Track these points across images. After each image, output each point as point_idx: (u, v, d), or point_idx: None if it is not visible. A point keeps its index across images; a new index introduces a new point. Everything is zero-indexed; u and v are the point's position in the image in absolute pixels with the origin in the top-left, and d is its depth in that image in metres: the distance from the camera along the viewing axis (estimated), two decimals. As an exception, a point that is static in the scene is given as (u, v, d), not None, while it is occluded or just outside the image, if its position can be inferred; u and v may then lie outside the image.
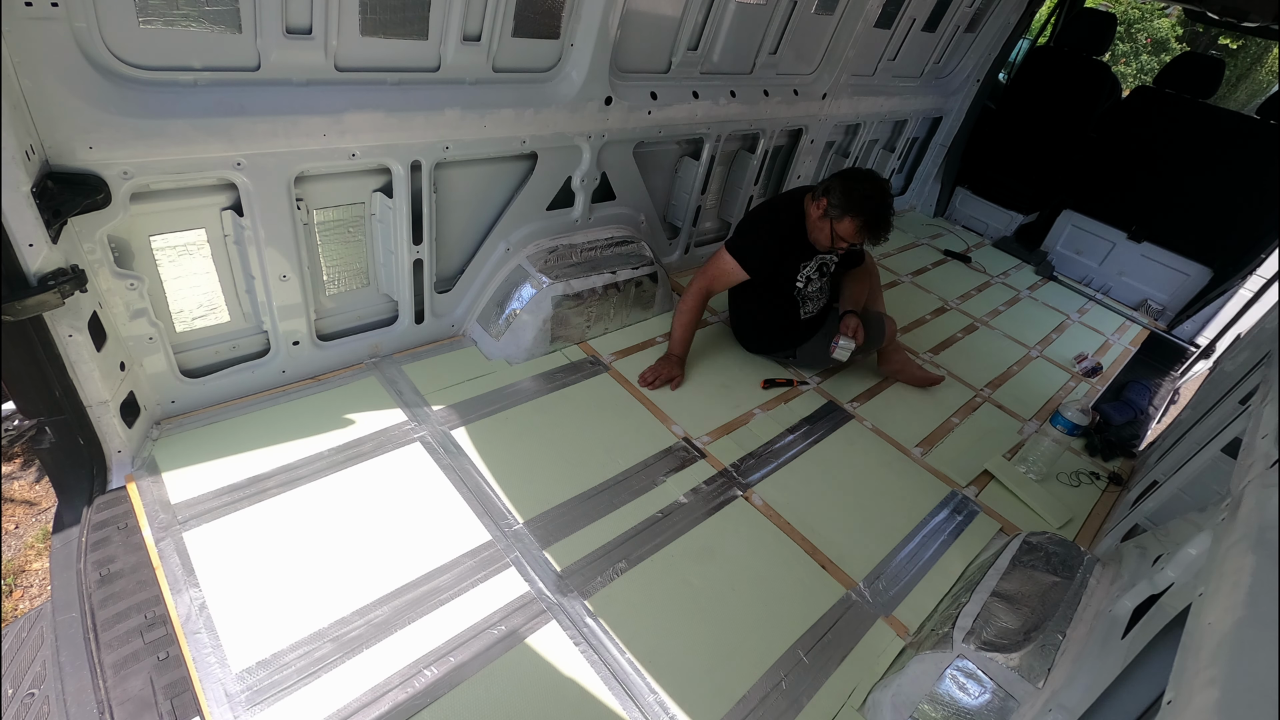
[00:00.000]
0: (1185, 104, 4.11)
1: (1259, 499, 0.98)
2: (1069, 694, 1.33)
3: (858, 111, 3.84)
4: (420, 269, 2.31)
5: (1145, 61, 14.07)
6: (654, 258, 2.95)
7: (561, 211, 2.69)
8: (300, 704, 1.40)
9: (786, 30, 3.00)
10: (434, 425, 2.16)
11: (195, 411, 2.01)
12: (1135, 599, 1.41)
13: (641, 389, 2.53)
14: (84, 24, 1.39)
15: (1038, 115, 4.60)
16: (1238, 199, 3.97)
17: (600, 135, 2.55)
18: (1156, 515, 1.98)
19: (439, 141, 2.08)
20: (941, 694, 1.55)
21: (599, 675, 1.57)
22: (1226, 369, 2.73)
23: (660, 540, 1.94)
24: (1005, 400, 3.06)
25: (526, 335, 2.53)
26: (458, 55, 2.01)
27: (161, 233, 1.75)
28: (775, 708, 1.60)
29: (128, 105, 1.50)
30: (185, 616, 1.51)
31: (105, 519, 1.70)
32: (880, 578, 2.00)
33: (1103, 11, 4.51)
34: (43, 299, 1.39)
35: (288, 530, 1.74)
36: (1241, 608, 0.80)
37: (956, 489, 2.42)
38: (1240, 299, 4.04)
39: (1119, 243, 4.45)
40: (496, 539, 1.84)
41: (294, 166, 1.83)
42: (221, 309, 1.97)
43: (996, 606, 1.65)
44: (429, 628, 1.59)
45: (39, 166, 1.39)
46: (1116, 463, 2.76)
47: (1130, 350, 3.90)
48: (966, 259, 4.53)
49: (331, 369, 2.28)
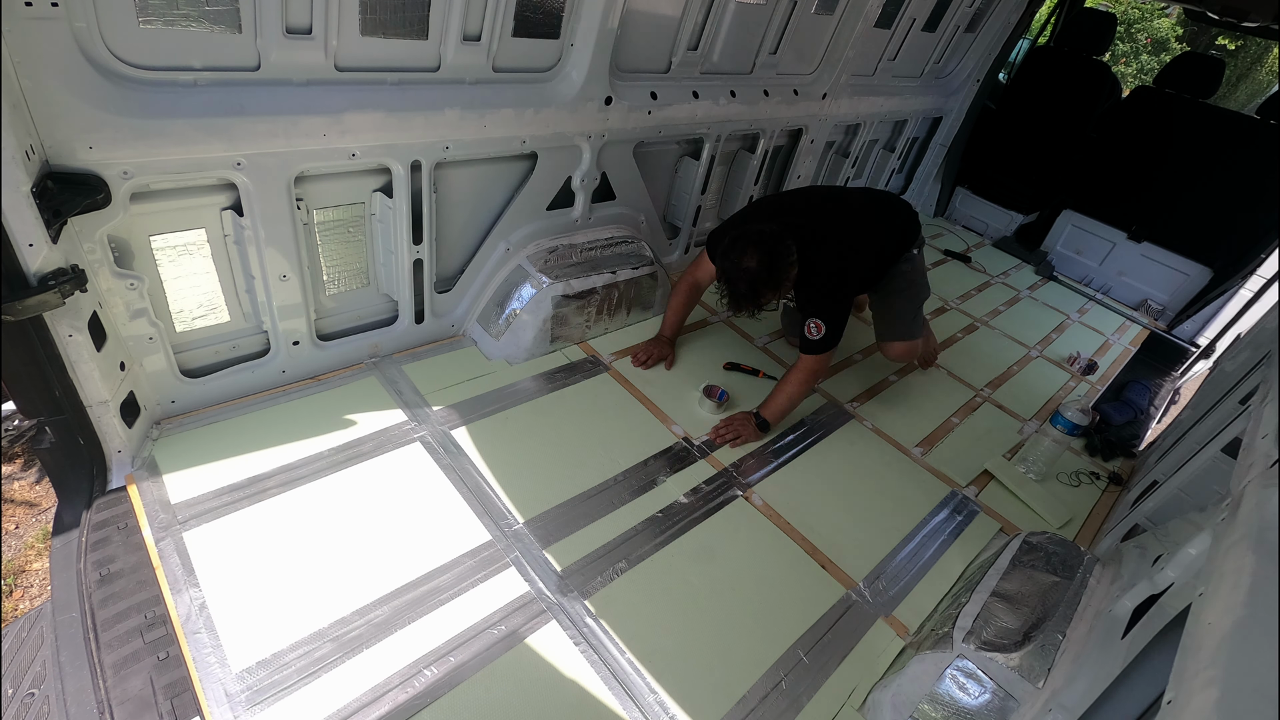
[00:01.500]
0: (1185, 104, 4.11)
1: (1259, 499, 0.98)
2: (1069, 694, 1.33)
3: (858, 111, 3.84)
4: (420, 269, 2.31)
5: (1145, 61, 14.07)
6: (654, 258, 2.94)
7: (561, 211, 2.69)
8: (300, 704, 1.40)
9: (786, 30, 3.00)
10: (434, 425, 2.16)
11: (195, 411, 2.01)
12: (1135, 599, 1.41)
13: (636, 370, 2.54)
14: (84, 24, 1.39)
15: (1038, 115, 4.60)
16: (1238, 199, 3.97)
17: (600, 135, 2.55)
18: (1156, 515, 1.98)
19: (439, 141, 2.08)
20: (941, 694, 1.55)
21: (599, 675, 1.57)
22: (1226, 369, 2.73)
23: (660, 540, 1.94)
24: (1005, 400, 3.06)
25: (526, 335, 2.53)
26: (458, 55, 2.01)
27: (161, 233, 1.75)
28: (775, 708, 1.60)
29: (128, 105, 1.50)
30: (185, 616, 1.51)
31: (105, 519, 1.70)
32: (880, 578, 2.00)
33: (1103, 11, 4.51)
34: (43, 299, 1.39)
35: (288, 530, 1.74)
36: (1241, 608, 0.80)
37: (956, 489, 2.42)
38: (1240, 299, 4.04)
39: (1119, 243, 4.45)
40: (496, 539, 1.84)
41: (294, 166, 1.83)
42: (221, 309, 1.97)
43: (996, 606, 1.65)
44: (429, 628, 1.59)
45: (39, 166, 1.39)
46: (1116, 463, 2.76)
47: (1130, 350, 3.90)
48: (966, 259, 4.53)
49: (331, 369, 2.28)
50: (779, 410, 2.39)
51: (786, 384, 2.38)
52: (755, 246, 2.12)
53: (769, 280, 2.13)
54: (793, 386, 2.37)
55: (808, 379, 2.37)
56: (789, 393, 2.37)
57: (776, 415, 2.40)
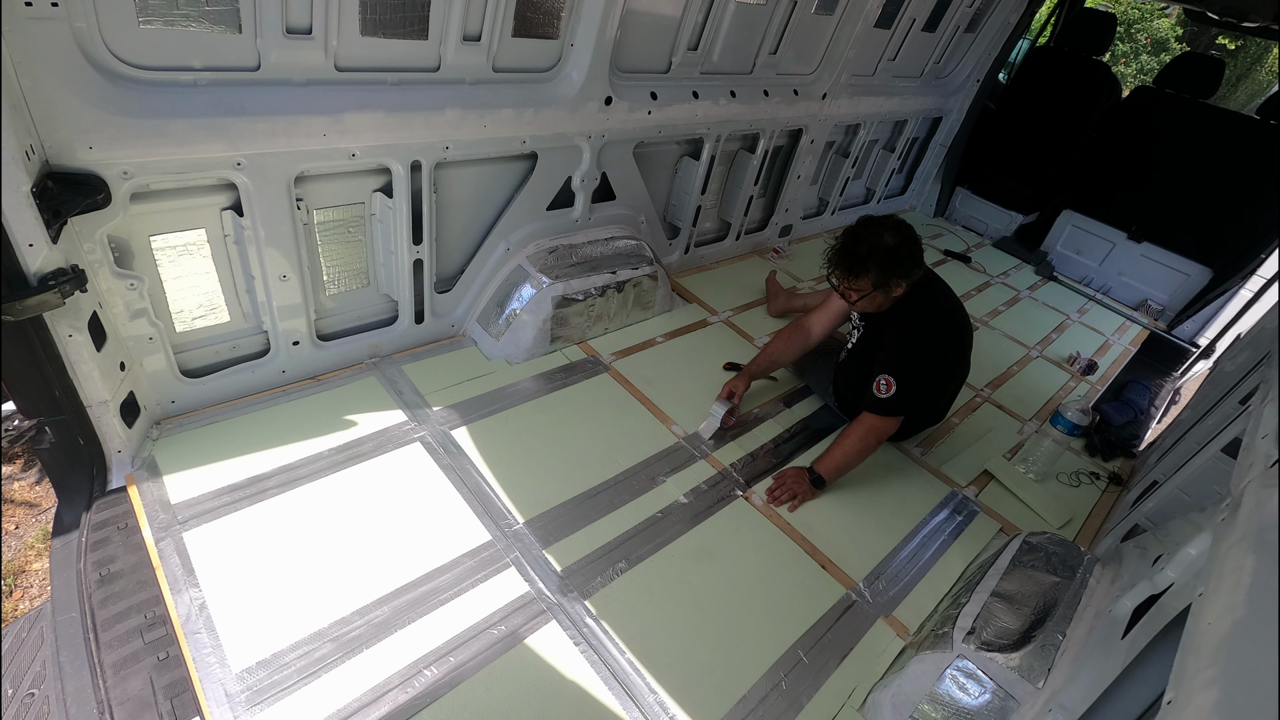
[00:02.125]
0: (1185, 104, 4.11)
1: (1259, 499, 0.98)
2: (1069, 694, 1.33)
3: (858, 111, 3.84)
4: (420, 269, 2.31)
5: (1145, 61, 14.07)
6: (654, 258, 2.94)
7: (561, 211, 2.69)
8: (300, 704, 1.40)
9: (786, 30, 3.00)
10: (434, 425, 2.16)
11: (195, 411, 2.01)
12: (1135, 599, 1.41)
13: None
14: (84, 24, 1.39)
15: (1038, 115, 4.60)
16: (1238, 199, 3.97)
17: (600, 135, 2.55)
18: (1156, 515, 1.98)
19: (439, 141, 2.08)
20: (941, 694, 1.55)
21: (599, 675, 1.57)
22: (1226, 369, 2.73)
23: (660, 540, 1.94)
24: (1005, 400, 3.06)
25: (526, 335, 2.53)
26: (458, 55, 2.01)
27: (161, 233, 1.75)
28: (775, 708, 1.60)
29: (128, 105, 1.50)
30: (185, 616, 1.51)
31: (105, 519, 1.70)
32: (880, 578, 2.00)
33: (1103, 11, 4.51)
34: (43, 299, 1.39)
35: (288, 530, 1.74)
36: (1241, 608, 0.80)
37: (956, 489, 2.42)
38: (1240, 299, 4.04)
39: (1119, 243, 4.45)
40: (496, 539, 1.84)
41: (294, 166, 1.83)
42: (221, 309, 1.97)
43: (996, 606, 1.65)
44: (429, 628, 1.59)
45: (39, 166, 1.39)
46: (1116, 463, 2.76)
47: (1130, 350, 3.90)
48: (966, 259, 4.53)
49: (331, 369, 2.28)
50: (835, 468, 2.19)
51: (846, 439, 2.20)
52: (898, 233, 2.04)
53: (885, 260, 2.01)
54: (851, 443, 2.18)
55: (869, 439, 2.17)
56: (846, 449, 2.18)
57: (832, 473, 2.19)
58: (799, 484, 2.19)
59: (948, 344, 2.24)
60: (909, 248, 2.07)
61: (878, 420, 2.15)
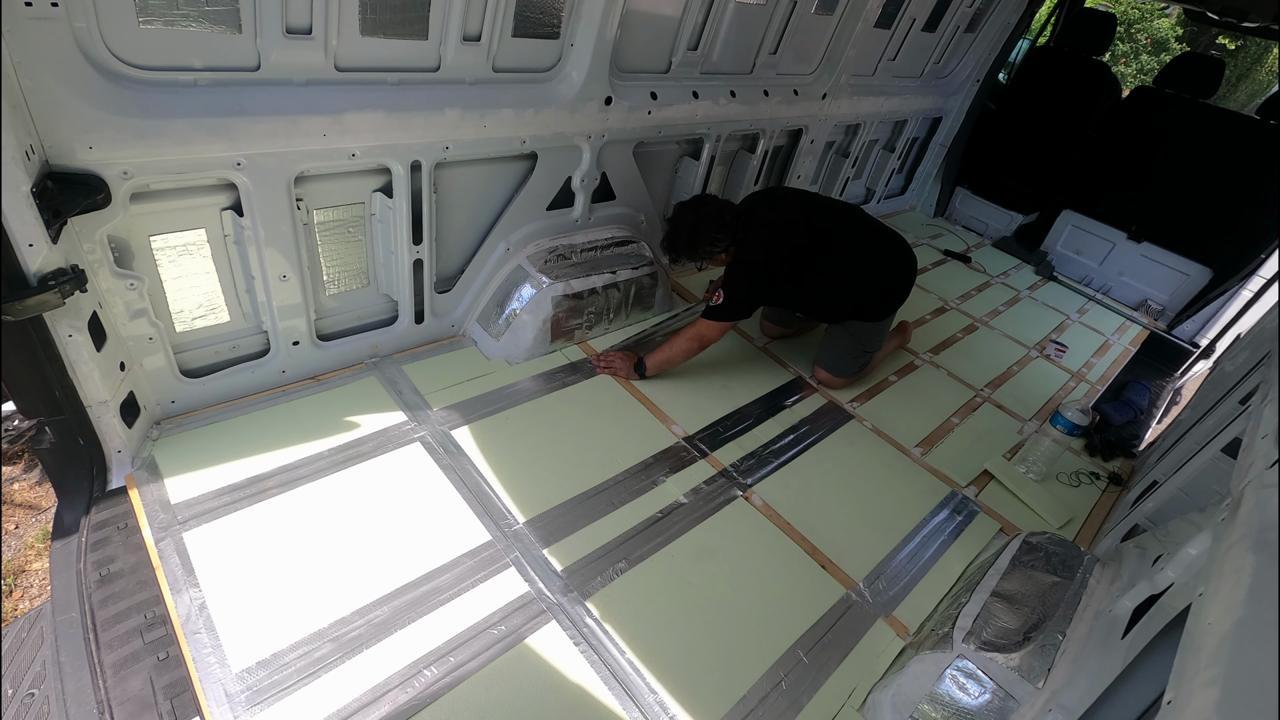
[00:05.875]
0: (1185, 104, 4.11)
1: (1259, 499, 0.98)
2: (1069, 694, 1.33)
3: (858, 111, 3.84)
4: (420, 269, 2.31)
5: (1145, 61, 14.06)
6: (654, 258, 2.94)
7: (561, 211, 2.69)
8: (300, 704, 1.40)
9: (786, 30, 3.00)
10: (434, 425, 2.16)
11: (195, 411, 2.01)
12: (1135, 599, 1.41)
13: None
14: (84, 24, 1.39)
15: (1038, 115, 4.60)
16: (1238, 199, 3.97)
17: (600, 135, 2.55)
18: (1156, 515, 1.98)
19: (439, 141, 2.08)
20: (941, 694, 1.55)
21: (599, 675, 1.57)
22: (1226, 369, 2.73)
23: (660, 540, 1.94)
24: (1005, 400, 3.06)
25: (526, 335, 2.53)
26: (458, 55, 2.01)
27: (161, 233, 1.75)
28: (775, 708, 1.60)
29: (128, 105, 1.50)
30: (185, 616, 1.51)
31: (105, 519, 1.70)
32: (880, 578, 2.00)
33: (1103, 11, 4.51)
34: (43, 299, 1.39)
35: (288, 530, 1.74)
36: (1241, 608, 0.80)
37: (956, 489, 2.42)
38: (1240, 299, 4.04)
39: (1119, 243, 4.45)
40: (496, 539, 1.84)
41: (294, 166, 1.83)
42: (221, 309, 1.97)
43: (996, 606, 1.65)
44: (429, 628, 1.59)
45: (39, 166, 1.39)
46: (1116, 463, 2.76)
47: (1130, 350, 3.90)
48: (966, 259, 4.53)
49: (331, 369, 2.28)
50: (659, 361, 2.53)
51: (676, 339, 2.52)
52: (696, 212, 2.39)
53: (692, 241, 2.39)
54: (680, 341, 2.50)
55: (694, 339, 2.49)
56: (674, 345, 2.51)
57: (656, 365, 2.54)
58: (624, 365, 2.57)
59: (774, 262, 2.45)
60: (710, 216, 2.39)
61: (704, 325, 2.47)
